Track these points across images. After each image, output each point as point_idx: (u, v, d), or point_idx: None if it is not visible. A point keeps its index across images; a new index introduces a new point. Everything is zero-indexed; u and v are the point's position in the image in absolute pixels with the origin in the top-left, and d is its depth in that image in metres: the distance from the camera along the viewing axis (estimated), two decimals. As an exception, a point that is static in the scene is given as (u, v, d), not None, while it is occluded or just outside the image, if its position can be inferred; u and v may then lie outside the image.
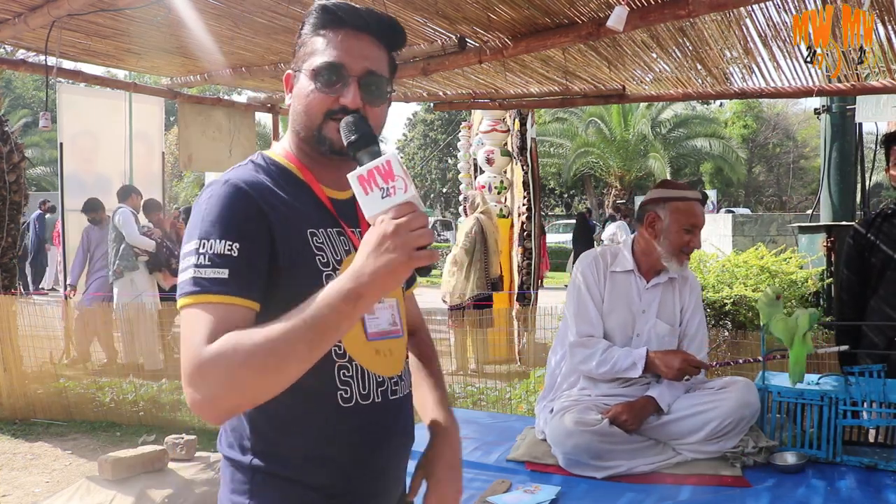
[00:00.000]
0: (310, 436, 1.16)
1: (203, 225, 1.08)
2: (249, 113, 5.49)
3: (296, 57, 1.23)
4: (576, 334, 2.56)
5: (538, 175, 7.39)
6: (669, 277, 2.60)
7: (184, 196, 25.22)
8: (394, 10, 3.02)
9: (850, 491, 2.16)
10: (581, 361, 2.54)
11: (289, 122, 1.25)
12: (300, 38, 1.23)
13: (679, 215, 2.50)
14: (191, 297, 1.05)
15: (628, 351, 2.49)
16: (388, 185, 1.00)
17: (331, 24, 1.19)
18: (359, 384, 1.19)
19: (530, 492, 2.18)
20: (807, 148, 29.62)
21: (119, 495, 3.02)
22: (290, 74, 1.24)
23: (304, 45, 1.22)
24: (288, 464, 1.16)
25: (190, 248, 1.07)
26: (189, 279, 1.05)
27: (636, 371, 2.46)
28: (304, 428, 1.16)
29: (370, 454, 1.21)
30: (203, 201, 1.11)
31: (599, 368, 2.50)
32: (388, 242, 0.97)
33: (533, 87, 4.55)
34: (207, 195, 1.11)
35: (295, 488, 1.16)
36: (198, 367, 1.00)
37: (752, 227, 7.62)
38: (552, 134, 23.81)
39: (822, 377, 2.56)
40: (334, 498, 1.18)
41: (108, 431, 5.16)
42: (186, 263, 1.06)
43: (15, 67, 4.15)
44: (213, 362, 0.99)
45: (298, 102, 1.20)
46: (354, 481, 1.19)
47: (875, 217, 2.87)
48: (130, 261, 6.79)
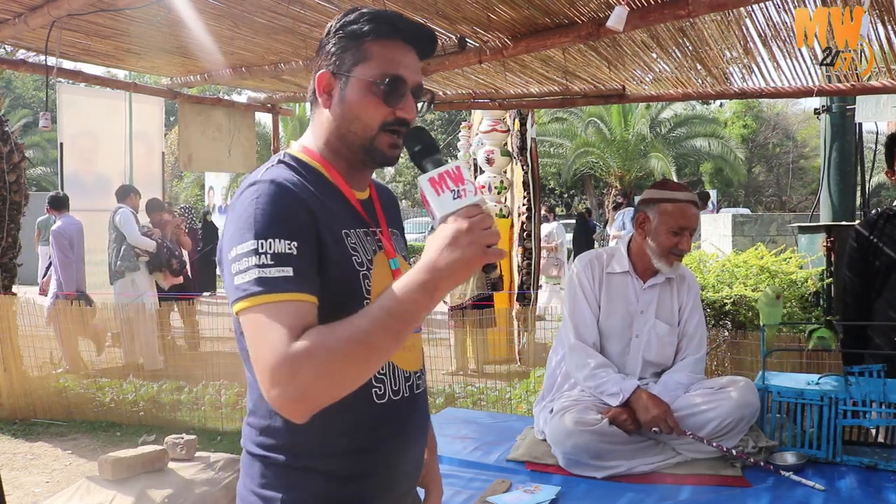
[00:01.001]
0: (346, 431, 1.20)
1: (257, 225, 1.08)
2: (249, 113, 5.49)
3: (333, 57, 1.22)
4: (574, 336, 2.56)
5: (538, 175, 7.39)
6: (667, 277, 2.60)
7: (184, 196, 25.20)
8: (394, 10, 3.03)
9: (850, 491, 2.16)
10: (574, 366, 2.55)
11: (319, 121, 1.25)
12: (339, 40, 1.22)
13: (667, 217, 2.49)
14: (258, 297, 1.05)
15: (619, 380, 2.46)
16: (458, 187, 1.09)
17: (386, 35, 1.21)
18: (391, 380, 1.24)
19: (530, 492, 2.18)
20: (807, 148, 29.61)
21: (119, 495, 3.01)
22: (328, 75, 1.22)
23: (349, 49, 1.21)
24: (323, 458, 1.19)
25: (245, 248, 1.06)
26: (253, 279, 1.05)
27: (616, 400, 2.42)
28: (341, 423, 1.19)
29: (399, 446, 1.26)
30: (249, 200, 1.10)
31: (587, 382, 2.50)
32: (463, 238, 1.03)
33: (533, 87, 4.55)
34: (254, 194, 1.11)
35: (330, 481, 1.20)
36: (288, 364, 1.01)
37: (752, 227, 7.61)
38: (552, 134, 23.80)
39: (822, 377, 2.56)
40: (365, 489, 1.23)
41: (108, 431, 5.16)
42: (245, 264, 1.06)
43: (15, 67, 4.15)
44: (306, 359, 1.01)
45: (350, 109, 1.21)
46: (383, 472, 1.24)
47: (877, 219, 2.83)
48: (131, 261, 6.79)
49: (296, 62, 4.04)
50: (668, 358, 2.59)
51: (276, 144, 5.77)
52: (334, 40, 1.22)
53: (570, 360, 2.57)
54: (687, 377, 2.54)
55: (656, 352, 2.56)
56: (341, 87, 1.21)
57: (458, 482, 2.32)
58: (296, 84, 4.79)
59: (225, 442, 4.86)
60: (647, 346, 2.55)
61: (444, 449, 2.61)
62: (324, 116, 1.24)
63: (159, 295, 7.08)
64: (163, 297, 7.08)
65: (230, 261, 1.08)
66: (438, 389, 5.01)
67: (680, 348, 2.61)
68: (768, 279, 4.95)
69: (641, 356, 2.56)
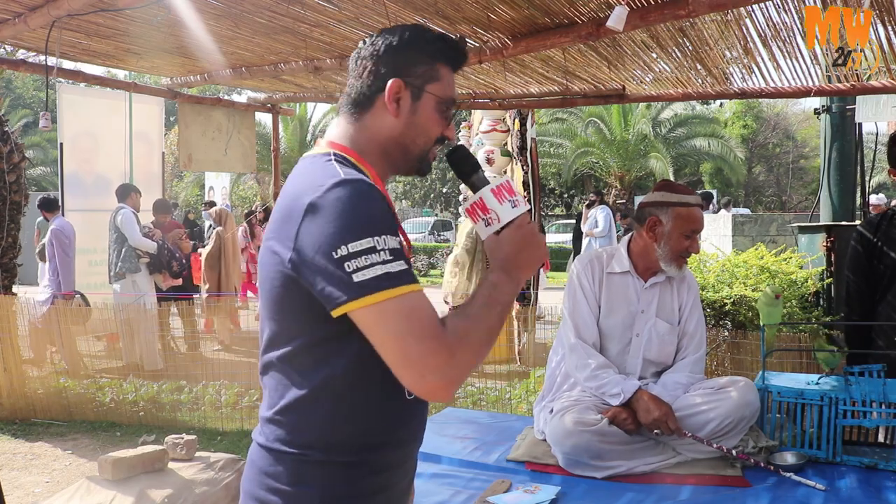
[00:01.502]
0: (382, 426, 1.26)
1: (369, 222, 1.12)
2: (249, 113, 5.49)
3: (405, 68, 1.28)
4: (574, 336, 2.56)
5: (538, 175, 7.39)
6: (667, 277, 2.60)
7: (183, 196, 25.19)
8: (394, 9, 3.02)
9: (850, 491, 2.16)
10: (574, 367, 2.55)
11: (375, 126, 1.29)
12: (413, 54, 1.28)
13: (681, 221, 2.50)
14: (390, 291, 1.09)
15: (620, 381, 2.46)
16: (513, 198, 1.28)
17: (452, 62, 1.33)
18: None
19: (530, 492, 2.18)
20: (807, 148, 29.61)
21: (119, 495, 3.01)
22: (402, 84, 1.27)
23: (422, 64, 1.28)
24: (361, 452, 1.25)
25: (361, 246, 1.10)
26: (380, 275, 1.09)
27: (617, 400, 2.42)
28: (379, 420, 1.26)
29: (416, 440, 1.36)
30: (345, 199, 1.12)
31: (588, 382, 2.50)
32: (536, 240, 1.27)
33: (533, 87, 4.55)
34: (348, 192, 1.13)
35: (364, 474, 1.26)
36: (446, 348, 1.11)
37: (752, 227, 7.61)
38: (552, 134, 23.79)
39: (822, 377, 2.56)
40: (390, 480, 1.31)
41: (108, 431, 5.16)
42: (366, 261, 1.09)
43: (15, 67, 4.15)
44: (461, 342, 1.13)
45: (421, 122, 1.29)
46: (404, 464, 1.34)
47: (880, 220, 2.81)
48: (132, 262, 6.77)
49: (296, 62, 4.04)
50: (668, 357, 2.59)
51: (276, 144, 5.76)
52: (408, 53, 1.28)
53: (570, 360, 2.57)
54: (687, 377, 2.54)
55: (657, 351, 2.56)
56: (412, 99, 1.28)
57: (458, 482, 2.32)
58: (296, 84, 4.78)
59: (225, 442, 4.86)
60: (648, 345, 2.55)
61: (444, 449, 2.61)
62: (384, 122, 1.28)
63: (158, 295, 7.08)
64: (162, 298, 7.08)
65: (340, 259, 1.09)
66: (438, 389, 5.00)
67: (680, 347, 2.61)
68: (768, 279, 4.95)
69: (642, 355, 2.56)
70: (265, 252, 1.24)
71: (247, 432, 5.00)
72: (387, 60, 1.27)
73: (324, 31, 3.46)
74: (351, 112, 1.30)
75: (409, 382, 1.12)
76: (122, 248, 6.75)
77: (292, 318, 1.21)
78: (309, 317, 1.19)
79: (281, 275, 1.18)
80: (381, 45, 1.28)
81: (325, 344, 1.20)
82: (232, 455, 3.51)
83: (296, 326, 1.22)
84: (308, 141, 24.35)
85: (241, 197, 23.56)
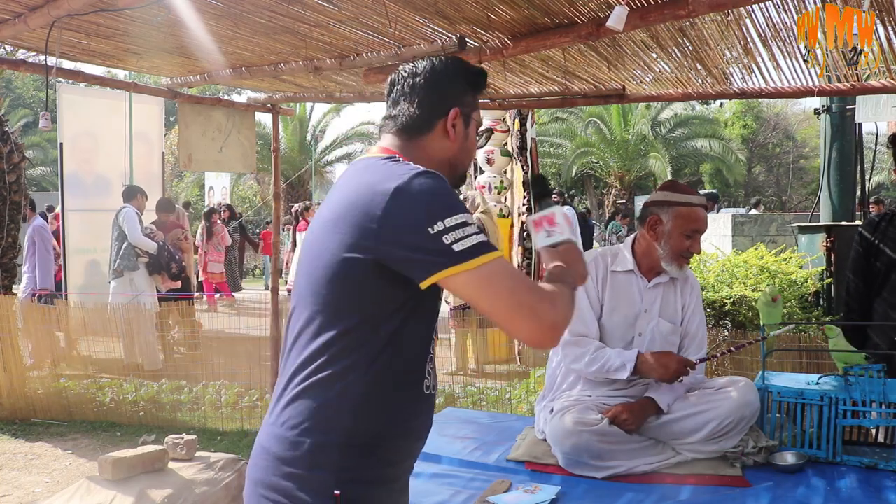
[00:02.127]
0: (399, 416, 1.37)
1: (457, 202, 1.29)
2: (249, 113, 5.48)
3: (459, 99, 1.48)
4: (569, 332, 2.55)
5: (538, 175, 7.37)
6: (671, 277, 2.61)
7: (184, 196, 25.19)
8: (394, 9, 3.02)
9: (850, 491, 2.16)
10: (573, 360, 2.54)
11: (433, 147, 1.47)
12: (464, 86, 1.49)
13: (681, 220, 2.50)
14: (490, 255, 1.26)
15: (619, 352, 2.48)
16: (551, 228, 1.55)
17: (482, 90, 1.56)
18: (432, 375, 1.44)
19: (530, 492, 2.18)
20: (807, 148, 29.58)
21: (119, 495, 3.01)
22: (458, 112, 1.47)
23: (469, 94, 1.51)
24: (374, 438, 1.34)
25: (457, 220, 1.25)
26: (479, 242, 1.26)
27: (624, 372, 2.44)
28: (398, 409, 1.36)
29: (426, 434, 1.46)
30: (431, 185, 1.29)
31: (589, 367, 2.50)
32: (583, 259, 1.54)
33: (533, 87, 4.55)
34: (432, 180, 1.29)
35: (376, 460, 1.35)
36: (549, 299, 1.28)
37: (752, 227, 7.60)
38: (552, 134, 23.77)
39: (822, 377, 2.56)
40: (403, 470, 1.43)
41: (108, 431, 5.16)
42: (463, 232, 1.25)
43: (15, 67, 4.14)
44: (557, 296, 1.31)
45: (470, 145, 1.51)
46: (414, 456, 1.45)
47: (879, 220, 2.85)
48: (131, 261, 6.79)
49: (296, 62, 4.04)
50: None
51: (276, 144, 5.76)
52: (458, 84, 1.49)
53: (567, 357, 2.57)
54: (688, 377, 2.54)
55: (659, 350, 2.55)
56: (464, 126, 1.48)
57: (458, 482, 2.32)
58: (296, 84, 4.78)
59: (225, 442, 4.86)
60: (650, 344, 2.55)
61: (444, 449, 2.61)
62: (442, 144, 1.47)
63: (159, 296, 7.08)
64: (161, 298, 7.07)
65: (437, 233, 1.24)
66: (439, 390, 5.01)
67: (681, 348, 2.62)
68: (768, 279, 4.95)
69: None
70: (323, 236, 1.35)
71: (247, 432, 5.00)
72: (444, 90, 1.46)
73: (324, 31, 3.46)
74: (404, 132, 1.46)
75: (526, 329, 1.25)
76: (121, 246, 6.76)
77: (346, 300, 1.31)
78: (366, 301, 1.31)
79: (352, 256, 1.29)
80: (436, 76, 1.47)
81: (361, 330, 1.31)
82: (232, 455, 3.51)
83: (347, 309, 1.31)
84: (308, 141, 24.33)
85: (241, 197, 23.54)
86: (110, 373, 5.94)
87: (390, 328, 1.32)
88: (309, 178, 23.16)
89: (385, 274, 1.28)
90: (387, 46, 3.62)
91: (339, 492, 1.29)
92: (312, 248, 1.38)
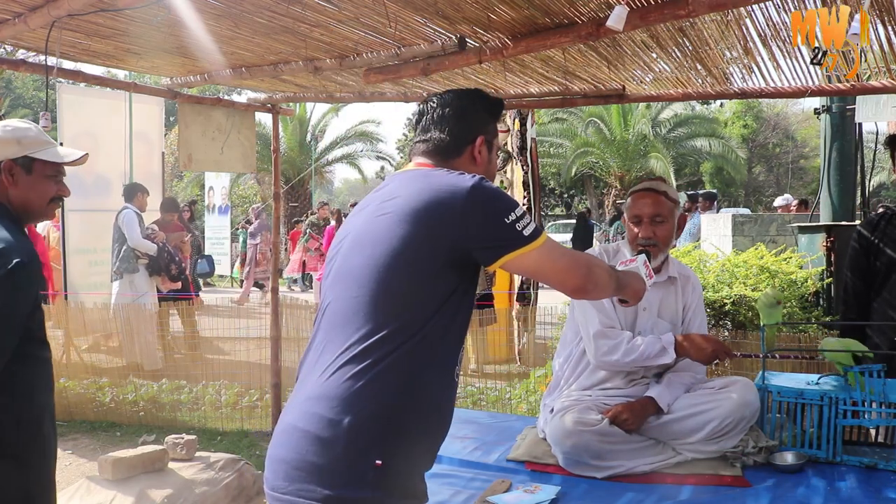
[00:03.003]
0: (441, 401, 1.54)
1: (515, 201, 1.58)
2: (249, 113, 5.48)
3: (483, 128, 1.72)
4: (598, 324, 2.51)
5: (538, 175, 7.39)
6: (669, 276, 2.61)
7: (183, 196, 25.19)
8: (394, 9, 3.02)
9: (850, 491, 2.16)
10: (606, 352, 2.48)
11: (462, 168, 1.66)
12: (488, 115, 1.74)
13: (628, 210, 2.59)
14: (545, 234, 1.56)
15: (655, 338, 2.46)
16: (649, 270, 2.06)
17: (499, 118, 1.80)
18: (460, 366, 1.60)
19: (530, 492, 2.18)
20: (807, 148, 29.60)
21: (119, 495, 3.02)
22: (483, 139, 1.70)
23: (490, 122, 1.74)
24: (414, 419, 1.47)
25: (521, 212, 1.54)
26: (537, 227, 1.55)
27: (668, 357, 2.41)
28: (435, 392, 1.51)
29: (448, 425, 1.60)
30: (495, 187, 1.57)
31: (627, 357, 2.45)
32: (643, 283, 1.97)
33: (533, 87, 4.55)
34: (494, 187, 1.57)
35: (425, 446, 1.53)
36: (587, 264, 1.63)
37: (752, 227, 7.60)
38: (552, 134, 23.79)
39: (822, 377, 2.56)
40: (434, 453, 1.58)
41: (108, 431, 5.16)
42: (526, 220, 1.53)
43: (15, 67, 4.13)
44: (595, 263, 1.66)
45: (491, 168, 1.74)
46: (436, 449, 1.59)
47: (879, 219, 2.85)
48: (130, 263, 6.77)
49: (296, 62, 4.03)
50: (669, 357, 2.58)
51: (276, 144, 5.76)
52: (482, 114, 1.73)
53: (600, 349, 2.49)
54: (688, 377, 2.54)
55: None
56: (488, 151, 1.72)
57: (458, 482, 2.32)
58: (296, 84, 4.78)
59: (225, 442, 4.86)
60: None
61: (444, 449, 2.60)
62: (468, 167, 1.67)
63: (158, 296, 7.07)
64: (161, 298, 7.06)
65: (512, 222, 1.51)
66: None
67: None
68: (768, 279, 4.95)
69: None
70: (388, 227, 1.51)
71: (247, 432, 5.00)
72: (470, 121, 1.69)
73: (324, 31, 3.46)
74: (437, 155, 1.68)
75: (576, 280, 1.59)
76: (121, 248, 6.76)
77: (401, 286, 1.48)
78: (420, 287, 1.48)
79: (419, 245, 1.48)
80: (463, 108, 1.70)
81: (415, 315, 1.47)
82: (232, 455, 3.51)
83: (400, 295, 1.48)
84: (308, 141, 24.33)
85: (241, 197, 23.55)
86: (110, 373, 5.94)
87: (440, 315, 1.49)
88: (309, 178, 23.17)
89: (452, 261, 1.50)
90: (387, 46, 3.62)
91: (380, 461, 1.39)
92: (369, 236, 1.54)
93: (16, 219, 1.97)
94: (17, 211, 1.99)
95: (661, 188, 2.57)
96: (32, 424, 1.89)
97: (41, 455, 1.92)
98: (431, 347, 1.48)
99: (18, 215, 1.99)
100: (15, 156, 1.99)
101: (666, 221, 2.53)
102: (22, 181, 2.00)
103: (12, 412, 1.84)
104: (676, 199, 2.60)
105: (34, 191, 2.02)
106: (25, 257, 1.82)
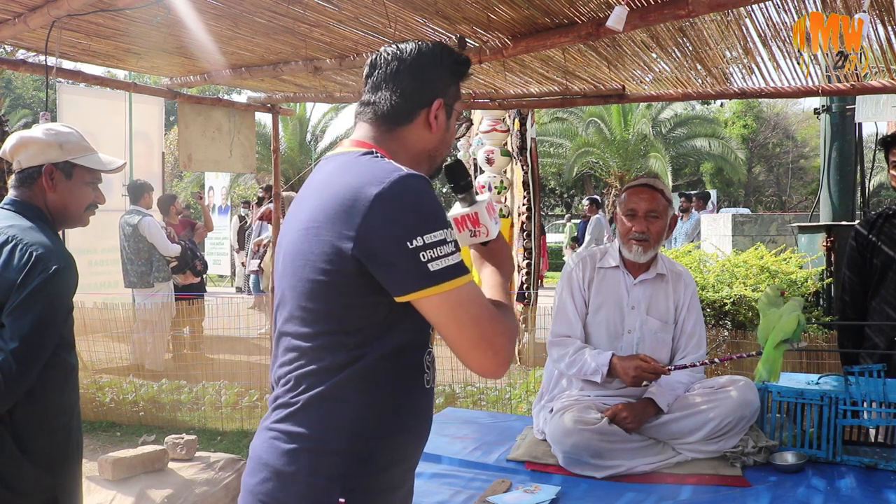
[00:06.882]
0: (399, 415, 1.31)
1: (438, 216, 1.22)
2: (249, 113, 5.49)
3: (442, 89, 1.41)
4: (553, 333, 2.62)
5: (538, 175, 7.39)
6: (658, 273, 2.62)
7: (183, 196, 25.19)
8: (394, 9, 3.02)
9: (850, 491, 2.16)
10: (556, 360, 2.60)
11: (413, 139, 1.40)
12: (448, 76, 1.42)
13: (622, 204, 2.60)
14: (461, 279, 1.21)
15: (596, 355, 2.50)
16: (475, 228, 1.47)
17: (464, 78, 1.46)
18: (432, 370, 1.39)
19: (530, 492, 2.18)
20: (807, 148, 29.58)
21: (119, 495, 3.02)
22: (441, 103, 1.40)
23: (452, 84, 1.43)
24: (383, 441, 1.29)
25: (437, 237, 1.20)
26: (454, 264, 1.21)
27: (598, 376, 2.48)
28: (397, 409, 1.31)
29: (428, 431, 1.40)
30: (416, 192, 1.22)
31: (569, 369, 2.55)
32: (510, 252, 1.42)
33: (533, 87, 4.55)
34: (418, 186, 1.23)
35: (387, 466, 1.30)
36: (510, 334, 1.26)
37: (751, 227, 7.60)
38: (552, 134, 23.78)
39: (822, 377, 2.56)
40: (407, 472, 1.38)
41: (108, 431, 5.16)
42: (443, 251, 1.20)
43: (15, 67, 4.14)
44: (514, 330, 1.29)
45: (449, 136, 1.44)
46: (417, 455, 1.40)
47: (877, 218, 2.86)
48: (166, 270, 6.59)
49: (296, 62, 4.04)
50: (663, 355, 2.59)
51: (276, 144, 5.76)
52: (443, 74, 1.41)
53: (551, 357, 2.63)
54: (687, 376, 2.54)
55: (650, 348, 2.56)
56: (446, 117, 1.42)
57: (458, 482, 2.32)
58: (296, 84, 4.78)
59: (225, 442, 4.86)
60: (641, 342, 2.56)
61: (444, 449, 2.61)
62: (422, 135, 1.39)
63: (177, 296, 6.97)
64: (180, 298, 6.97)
65: (416, 249, 1.18)
66: (438, 389, 5.01)
67: (679, 347, 2.62)
68: (768, 279, 4.95)
69: (635, 352, 2.56)
70: (307, 239, 1.27)
71: (247, 432, 5.00)
72: (429, 80, 1.39)
73: (324, 31, 3.46)
74: (382, 122, 1.38)
75: (480, 360, 1.24)
76: (152, 258, 6.52)
77: (334, 305, 1.25)
78: (355, 304, 1.25)
79: (334, 262, 1.23)
80: (422, 63, 1.38)
81: (366, 331, 1.26)
82: (232, 455, 3.51)
83: (337, 313, 1.26)
84: (308, 141, 24.33)
85: (241, 196, 23.54)
86: (110, 373, 5.94)
87: (381, 326, 1.26)
88: (309, 177, 23.14)
89: (369, 278, 1.23)
90: (387, 46, 3.63)
91: (343, 500, 1.25)
92: (293, 252, 1.31)
93: (51, 223, 1.95)
94: (53, 215, 1.97)
95: (659, 186, 2.61)
96: (62, 430, 1.88)
97: (70, 459, 1.91)
98: (383, 363, 1.28)
99: (54, 220, 1.97)
100: (56, 160, 1.95)
101: (660, 218, 2.56)
102: (61, 186, 1.97)
103: (45, 419, 1.83)
104: (671, 198, 2.65)
105: (72, 196, 1.99)
106: (64, 262, 1.81)
